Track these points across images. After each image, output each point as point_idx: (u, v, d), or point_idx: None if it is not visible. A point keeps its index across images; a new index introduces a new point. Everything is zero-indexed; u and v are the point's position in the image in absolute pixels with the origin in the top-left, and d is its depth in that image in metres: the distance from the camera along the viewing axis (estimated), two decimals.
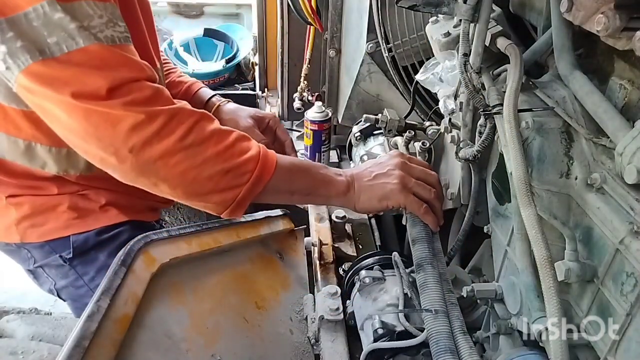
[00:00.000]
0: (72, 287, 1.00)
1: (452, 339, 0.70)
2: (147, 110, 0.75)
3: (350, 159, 1.34)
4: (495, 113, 0.75)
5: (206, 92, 1.25)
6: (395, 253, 0.87)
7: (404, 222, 0.93)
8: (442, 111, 0.90)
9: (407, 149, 1.04)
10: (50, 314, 1.62)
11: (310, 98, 1.64)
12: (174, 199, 0.83)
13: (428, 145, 1.01)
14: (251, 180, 0.80)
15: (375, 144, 1.21)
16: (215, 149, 0.78)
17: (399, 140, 1.07)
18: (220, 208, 0.82)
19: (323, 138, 1.42)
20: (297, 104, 1.70)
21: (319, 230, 1.12)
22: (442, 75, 0.88)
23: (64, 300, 1.05)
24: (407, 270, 0.85)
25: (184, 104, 0.82)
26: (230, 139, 0.81)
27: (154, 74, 0.81)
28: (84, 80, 0.72)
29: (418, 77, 0.94)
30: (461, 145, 0.88)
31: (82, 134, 0.74)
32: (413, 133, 1.06)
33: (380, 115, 1.12)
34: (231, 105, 1.22)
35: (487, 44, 0.80)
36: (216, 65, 2.54)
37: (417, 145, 1.02)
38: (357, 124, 1.27)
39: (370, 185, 0.88)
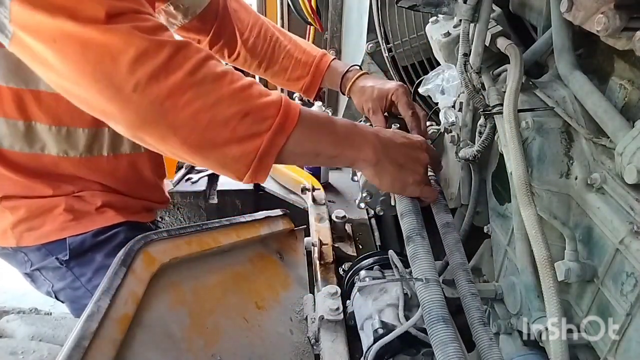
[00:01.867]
0: (70, 288, 1.00)
1: (446, 307, 0.66)
2: (152, 38, 0.64)
3: None
4: (495, 113, 0.75)
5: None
6: (391, 251, 0.87)
7: (392, 203, 0.92)
8: (442, 122, 0.90)
9: None
10: (50, 314, 1.62)
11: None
12: (185, 160, 0.72)
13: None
14: (273, 127, 0.69)
15: None
16: (230, 88, 0.68)
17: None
18: (241, 166, 0.71)
19: None
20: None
21: (319, 230, 1.12)
22: (443, 86, 0.88)
23: (62, 302, 1.05)
24: (407, 270, 0.85)
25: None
26: (246, 80, 0.71)
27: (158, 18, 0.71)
28: (82, 4, 0.62)
29: (420, 90, 0.94)
30: (461, 145, 0.88)
31: (78, 76, 0.64)
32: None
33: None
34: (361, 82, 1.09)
35: (487, 44, 0.80)
36: None
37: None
38: None
39: (397, 170, 0.81)
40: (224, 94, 0.67)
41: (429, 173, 0.89)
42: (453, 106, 0.88)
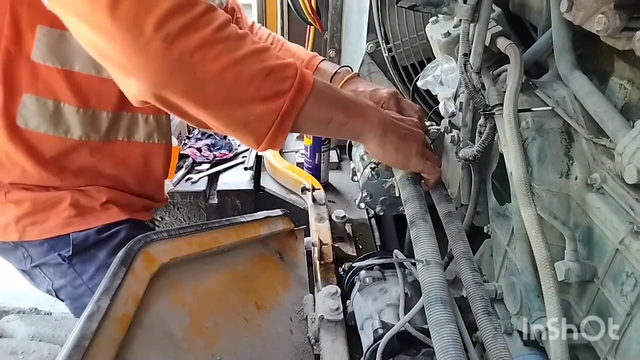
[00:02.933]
0: (71, 286, 1.00)
1: (447, 290, 0.64)
2: None
3: (350, 159, 1.34)
4: (495, 113, 0.75)
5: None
6: (396, 251, 0.87)
7: (396, 194, 0.92)
8: (442, 113, 0.90)
9: None
10: (50, 314, 1.62)
11: None
12: (204, 120, 0.71)
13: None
14: (294, 87, 0.71)
15: None
16: (252, 47, 0.69)
17: None
18: (263, 126, 0.71)
19: (323, 138, 1.43)
20: None
21: (319, 230, 1.12)
22: (442, 78, 0.88)
23: (62, 300, 1.05)
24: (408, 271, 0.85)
25: None
26: (263, 43, 0.72)
27: None
28: None
29: (419, 83, 0.94)
30: (461, 145, 0.88)
31: (109, 25, 0.64)
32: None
33: None
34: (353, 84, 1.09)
35: (487, 44, 0.80)
36: None
37: None
38: None
39: (400, 142, 0.84)
40: (248, 52, 0.68)
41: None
42: (453, 97, 0.88)
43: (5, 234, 0.97)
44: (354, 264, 0.93)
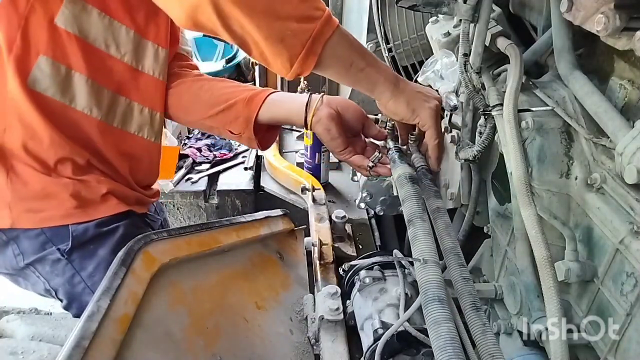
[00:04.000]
0: (69, 284, 0.98)
1: (444, 288, 0.65)
2: None
3: None
4: (495, 113, 0.75)
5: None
6: (395, 250, 0.87)
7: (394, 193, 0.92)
8: (444, 107, 0.90)
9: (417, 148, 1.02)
10: (50, 314, 1.62)
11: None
12: (251, 29, 0.75)
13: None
14: (324, 17, 0.78)
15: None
16: None
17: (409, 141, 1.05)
18: (297, 43, 0.76)
19: None
20: None
21: (319, 230, 1.12)
22: (442, 72, 0.88)
23: (61, 301, 1.03)
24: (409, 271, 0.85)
25: None
26: None
27: None
28: None
29: (419, 79, 0.94)
30: (461, 145, 0.88)
31: None
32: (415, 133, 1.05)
33: (380, 115, 1.12)
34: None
35: (487, 44, 0.80)
36: (216, 65, 2.54)
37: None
38: None
39: (412, 98, 0.88)
40: None
41: (422, 163, 0.91)
42: (454, 91, 0.87)
43: None
44: (352, 263, 0.93)
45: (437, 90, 0.92)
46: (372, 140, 1.03)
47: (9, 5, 0.85)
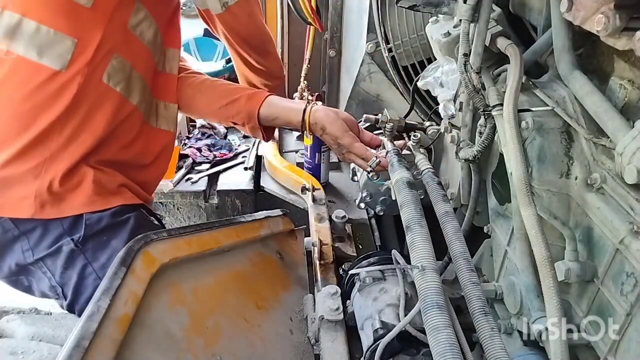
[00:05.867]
0: (79, 276, 0.95)
1: (443, 294, 0.65)
2: None
3: None
4: (495, 113, 0.75)
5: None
6: (394, 251, 0.86)
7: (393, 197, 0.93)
8: (442, 115, 0.90)
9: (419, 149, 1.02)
10: (50, 314, 1.62)
11: (310, 98, 1.64)
12: None
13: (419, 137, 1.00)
14: None
15: None
16: None
17: (410, 142, 1.05)
18: None
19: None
20: None
21: (319, 230, 1.12)
22: (442, 79, 0.88)
23: (65, 298, 1.01)
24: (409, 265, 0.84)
25: None
26: None
27: None
28: None
29: (419, 84, 0.94)
30: (461, 146, 0.88)
31: None
32: (418, 135, 1.05)
33: (380, 115, 1.12)
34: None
35: (487, 44, 0.80)
36: (216, 65, 2.54)
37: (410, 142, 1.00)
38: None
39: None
40: None
41: (427, 165, 0.90)
42: (453, 99, 0.87)
43: (16, 209, 0.92)
44: (351, 266, 0.93)
45: (437, 104, 0.92)
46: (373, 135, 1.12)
47: (94, 12, 0.96)
